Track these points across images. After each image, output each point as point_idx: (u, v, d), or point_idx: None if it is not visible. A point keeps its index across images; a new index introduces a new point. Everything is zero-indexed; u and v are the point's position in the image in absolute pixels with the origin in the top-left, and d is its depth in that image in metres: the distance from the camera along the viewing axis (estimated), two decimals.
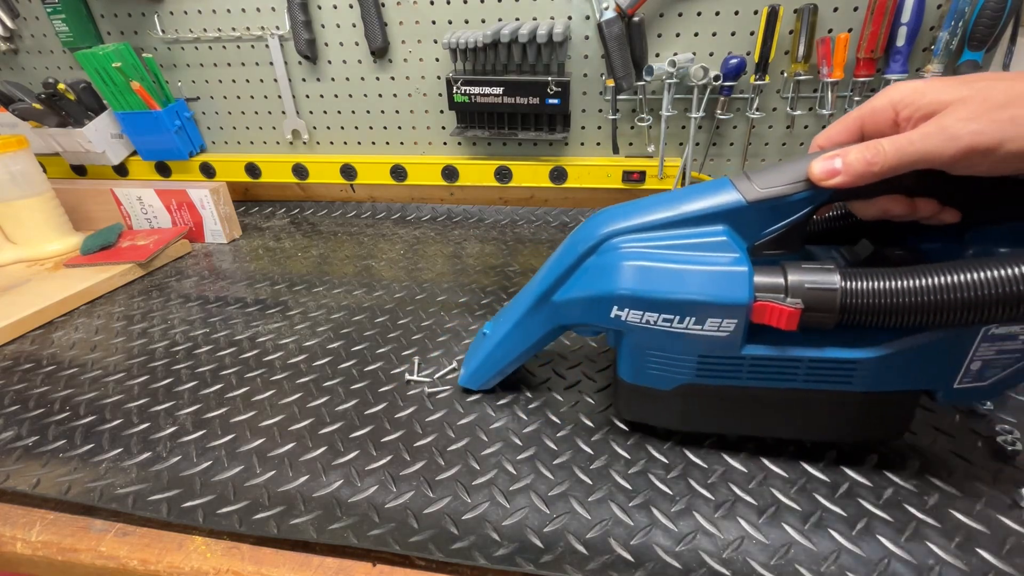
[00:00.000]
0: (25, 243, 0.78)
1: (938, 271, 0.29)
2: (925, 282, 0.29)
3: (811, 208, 0.33)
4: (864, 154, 0.30)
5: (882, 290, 0.30)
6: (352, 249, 0.80)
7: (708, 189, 0.35)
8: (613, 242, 0.37)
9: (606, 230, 0.37)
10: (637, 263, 0.35)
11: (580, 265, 0.38)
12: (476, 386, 0.48)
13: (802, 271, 0.32)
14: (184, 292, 0.70)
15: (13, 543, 0.38)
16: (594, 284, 0.37)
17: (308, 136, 0.93)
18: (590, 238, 0.38)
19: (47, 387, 0.53)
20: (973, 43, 0.65)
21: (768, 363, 0.35)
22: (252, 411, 0.48)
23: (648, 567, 0.33)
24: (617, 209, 0.38)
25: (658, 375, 0.38)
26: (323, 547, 0.36)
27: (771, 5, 0.69)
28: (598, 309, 0.36)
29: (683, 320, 0.34)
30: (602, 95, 0.81)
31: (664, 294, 0.34)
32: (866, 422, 0.37)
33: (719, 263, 0.33)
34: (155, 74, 0.89)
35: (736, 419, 0.39)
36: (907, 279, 0.30)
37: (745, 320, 0.33)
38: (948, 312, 0.29)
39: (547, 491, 0.39)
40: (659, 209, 0.36)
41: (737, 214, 0.34)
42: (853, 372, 0.34)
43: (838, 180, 0.31)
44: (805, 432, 0.39)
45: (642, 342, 0.37)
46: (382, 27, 0.80)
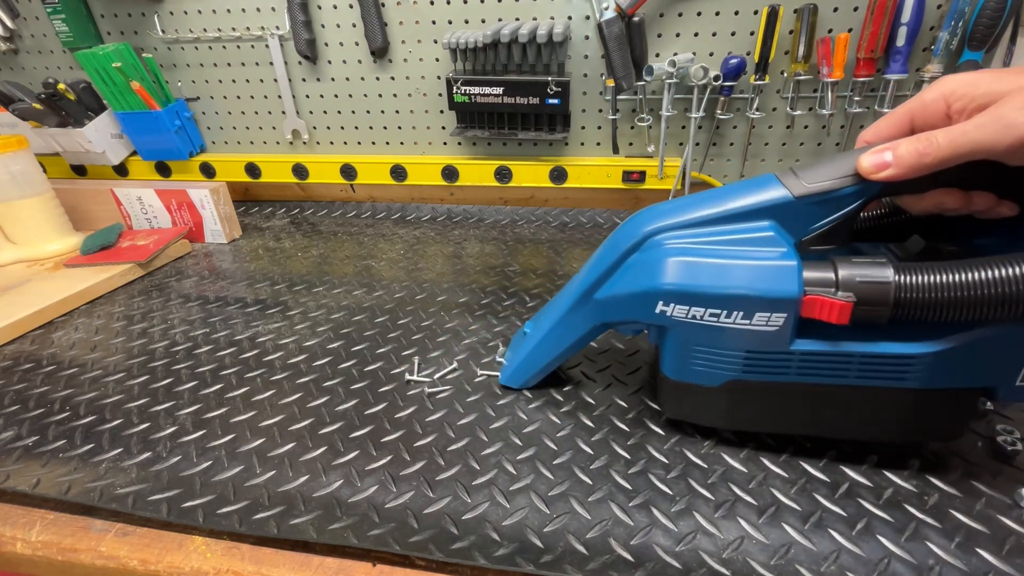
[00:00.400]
0: (25, 243, 0.78)
1: (995, 264, 0.29)
2: (981, 275, 0.29)
3: (860, 203, 0.33)
4: (916, 145, 0.30)
5: (937, 284, 0.30)
6: (352, 249, 0.80)
7: (753, 185, 0.35)
8: (657, 239, 0.37)
9: (650, 227, 0.37)
10: (683, 258, 0.35)
11: (623, 262, 0.38)
12: (517, 384, 0.49)
13: (853, 265, 0.32)
14: (184, 292, 0.70)
15: (13, 543, 0.38)
16: (638, 280, 0.37)
17: (308, 136, 0.93)
18: (633, 235, 0.38)
19: (47, 387, 0.53)
20: (973, 43, 0.65)
21: (819, 358, 0.34)
22: (252, 411, 0.48)
23: (648, 567, 0.33)
24: (660, 207, 0.38)
25: (704, 371, 0.37)
26: (323, 547, 0.36)
27: (771, 5, 0.69)
28: (643, 305, 0.36)
29: (731, 315, 0.34)
30: (602, 95, 0.81)
31: (711, 288, 0.34)
32: (922, 421, 0.36)
33: (767, 257, 0.33)
34: (155, 74, 0.89)
35: (785, 417, 0.38)
36: (962, 272, 0.29)
37: (794, 314, 0.33)
38: (1005, 305, 0.29)
39: (547, 491, 0.39)
40: (704, 206, 0.36)
41: (784, 209, 0.34)
42: (908, 368, 0.33)
43: (888, 173, 0.30)
44: (858, 431, 0.38)
45: (688, 338, 0.36)
46: (382, 27, 0.80)
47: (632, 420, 0.45)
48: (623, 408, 0.46)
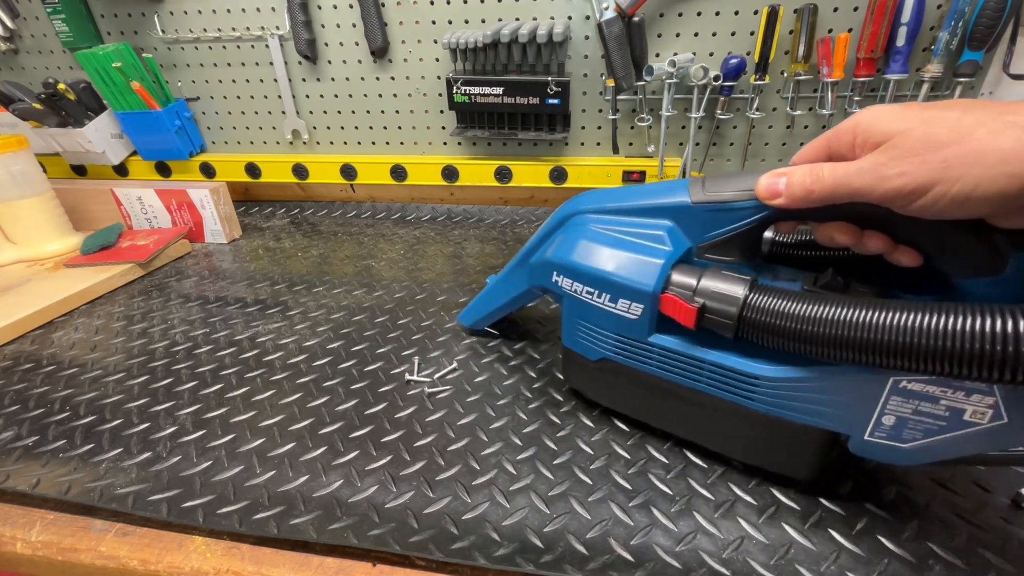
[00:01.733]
0: (25, 243, 0.78)
1: (836, 303, 0.28)
2: (820, 312, 0.28)
3: (756, 218, 0.33)
4: (805, 179, 0.30)
5: (781, 311, 0.30)
6: (352, 249, 0.80)
7: (667, 187, 0.38)
8: (578, 219, 0.41)
9: (578, 207, 0.42)
10: (580, 239, 0.39)
11: (551, 234, 0.43)
12: (468, 323, 0.57)
13: (716, 277, 0.33)
14: (184, 292, 0.70)
15: (13, 543, 0.38)
16: (550, 250, 0.41)
17: (308, 136, 0.93)
18: (565, 212, 0.42)
19: (47, 387, 0.53)
20: (973, 43, 0.65)
21: (673, 356, 0.37)
22: (252, 411, 0.48)
23: (648, 567, 0.33)
24: (596, 193, 0.42)
25: (585, 344, 0.41)
26: (323, 547, 0.36)
27: (771, 5, 0.69)
28: (547, 273, 0.41)
29: (600, 295, 0.38)
30: (602, 95, 0.81)
31: (588, 268, 0.38)
32: (769, 448, 0.36)
33: (644, 252, 0.36)
34: (155, 74, 0.89)
35: (652, 408, 0.41)
36: (810, 305, 0.29)
37: (651, 308, 0.35)
38: (844, 348, 0.28)
39: (547, 491, 0.39)
40: (625, 198, 0.39)
41: (682, 212, 0.36)
42: (754, 388, 0.34)
43: (779, 201, 0.31)
44: (710, 440, 0.39)
45: (573, 310, 0.41)
46: (382, 27, 0.80)
47: (631, 420, 0.45)
48: None
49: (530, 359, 0.53)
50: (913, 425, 0.30)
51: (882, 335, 0.26)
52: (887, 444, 0.31)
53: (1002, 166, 0.23)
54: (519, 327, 0.59)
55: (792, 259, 0.40)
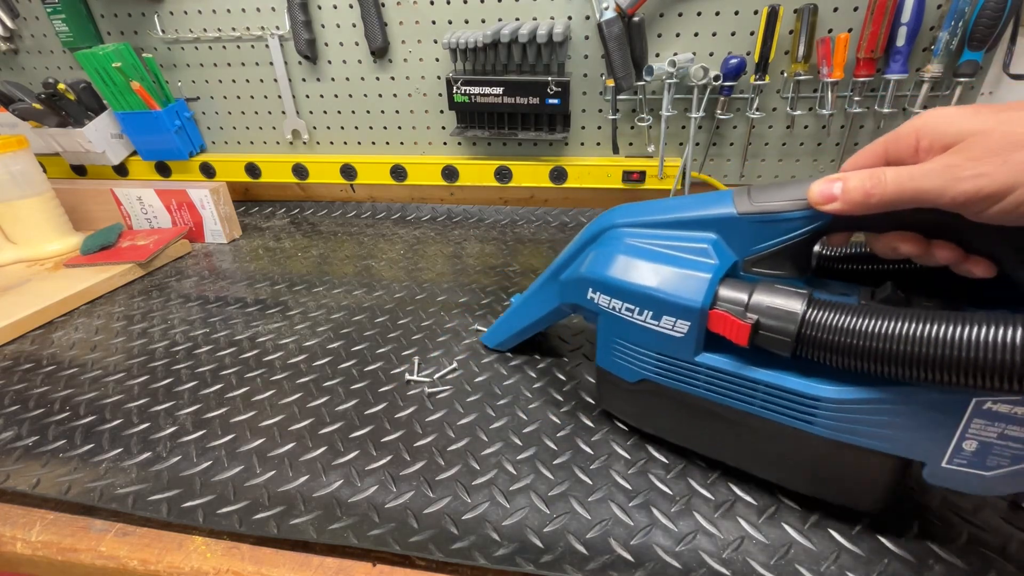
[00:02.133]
0: (25, 243, 0.78)
1: (909, 318, 0.26)
2: (890, 328, 0.26)
3: (808, 229, 0.32)
4: (864, 183, 0.28)
5: (845, 328, 0.28)
6: (352, 249, 0.80)
7: (710, 198, 0.36)
8: (614, 232, 0.39)
9: (612, 221, 0.40)
10: (618, 253, 0.37)
11: (584, 250, 0.41)
12: (492, 344, 0.55)
13: (771, 291, 0.31)
14: (184, 292, 0.70)
15: (13, 543, 0.38)
16: (583, 267, 0.39)
17: (308, 136, 0.93)
18: (598, 227, 0.41)
19: (47, 387, 0.53)
20: (973, 43, 0.65)
21: (723, 377, 0.34)
22: (252, 411, 0.48)
23: (648, 567, 0.33)
24: (632, 206, 0.40)
25: (623, 365, 0.39)
26: (323, 547, 0.36)
27: (771, 5, 0.69)
28: (581, 290, 0.39)
29: (641, 312, 0.35)
30: (602, 95, 0.81)
31: (627, 284, 0.36)
32: (831, 478, 0.33)
33: (689, 266, 0.34)
34: (155, 74, 0.89)
35: (695, 432, 0.39)
36: (874, 320, 0.27)
37: (700, 325, 0.33)
38: (910, 366, 0.26)
39: (547, 491, 0.39)
40: (663, 210, 0.38)
41: (727, 224, 0.34)
42: (814, 410, 0.31)
43: (834, 206, 0.29)
44: (764, 468, 0.37)
45: (610, 328, 0.38)
46: (382, 27, 0.80)
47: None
48: None
49: (530, 359, 0.53)
50: (999, 451, 0.28)
51: (964, 352, 0.24)
52: (968, 472, 0.29)
53: None
54: None
55: (843, 273, 0.38)
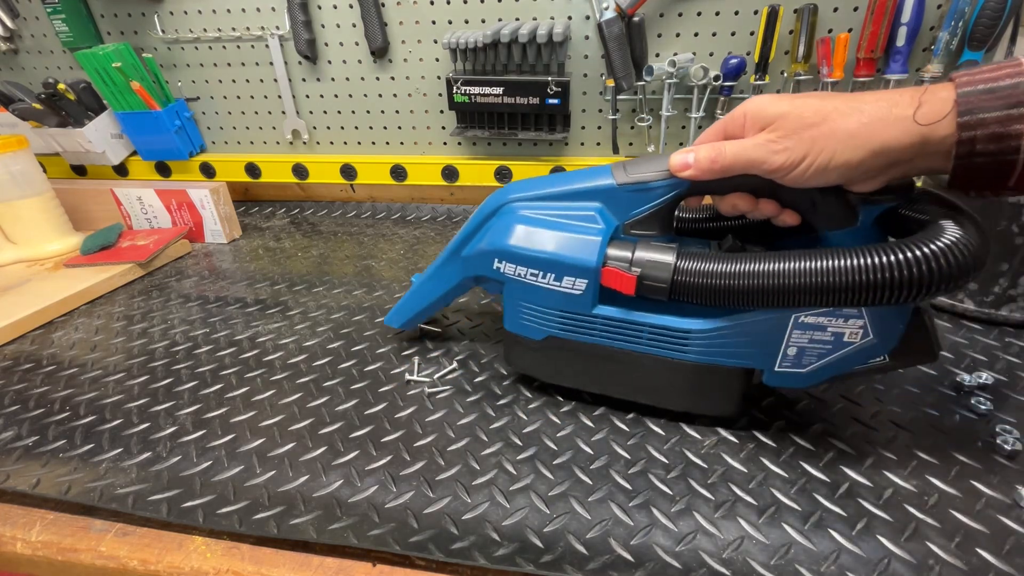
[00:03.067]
0: (25, 243, 0.78)
1: (751, 259, 0.34)
2: (738, 268, 0.34)
3: (672, 195, 0.39)
4: (710, 152, 0.35)
5: (707, 271, 0.35)
6: (352, 249, 0.80)
7: (592, 173, 0.41)
8: (510, 206, 0.43)
9: (508, 197, 0.44)
10: (518, 225, 0.41)
11: (483, 225, 0.45)
12: (397, 325, 0.55)
13: (647, 248, 0.38)
14: (184, 292, 0.70)
15: (13, 543, 0.38)
16: (486, 240, 0.43)
17: (308, 136, 0.93)
18: (493, 204, 0.44)
19: (47, 387, 0.53)
20: (973, 43, 0.65)
21: (616, 324, 0.40)
22: (252, 411, 0.48)
23: (648, 567, 0.33)
24: (524, 181, 0.45)
25: (529, 325, 0.44)
26: (323, 547, 0.36)
27: (771, 5, 0.69)
28: (487, 261, 0.43)
29: (545, 276, 0.40)
30: (602, 95, 0.81)
31: (531, 252, 0.40)
32: (701, 394, 0.42)
33: (581, 232, 0.40)
34: (155, 74, 0.89)
35: (598, 377, 0.44)
36: (727, 264, 0.35)
37: (595, 282, 0.39)
38: (753, 295, 0.34)
39: (547, 491, 0.39)
40: (552, 184, 0.42)
41: (608, 194, 0.40)
42: (687, 341, 0.39)
43: (688, 173, 0.37)
44: (654, 396, 0.44)
45: (517, 294, 0.43)
46: (382, 27, 0.80)
47: (632, 420, 0.45)
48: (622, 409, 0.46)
49: None
50: (810, 352, 0.37)
51: (789, 279, 0.33)
52: (791, 372, 0.38)
53: (849, 140, 0.30)
54: None
55: (696, 231, 0.47)
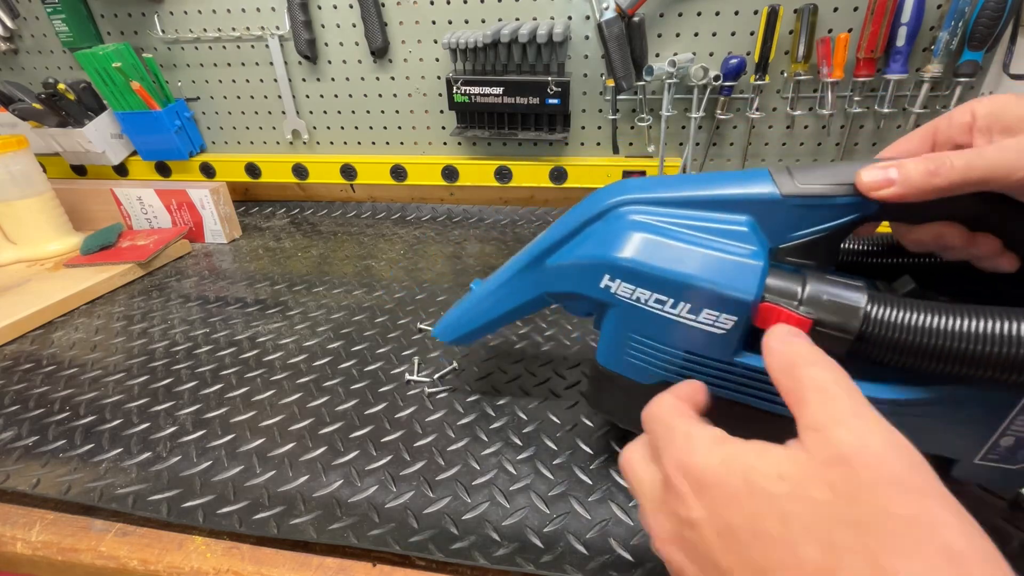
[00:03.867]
0: (25, 243, 0.78)
1: (992, 316, 0.24)
2: (972, 326, 0.24)
3: (852, 219, 0.29)
4: (927, 164, 0.26)
5: (914, 325, 0.25)
6: (352, 249, 0.80)
7: (743, 176, 0.32)
8: (623, 210, 0.33)
9: (618, 198, 0.34)
10: (642, 233, 0.31)
11: (583, 231, 0.35)
12: (448, 339, 0.45)
13: (825, 282, 0.28)
14: (184, 292, 0.70)
15: (13, 543, 0.38)
16: (590, 249, 0.33)
17: (308, 136, 0.93)
18: (598, 204, 0.34)
19: (47, 387, 0.53)
20: (973, 43, 0.65)
21: (764, 381, 0.30)
22: (252, 411, 0.48)
23: (648, 567, 0.33)
24: (635, 181, 0.35)
25: (637, 364, 0.33)
26: (323, 547, 0.36)
27: (771, 5, 0.69)
28: (589, 277, 0.33)
29: (677, 304, 0.30)
30: (602, 95, 0.81)
31: (661, 270, 0.30)
32: None
33: (732, 252, 0.29)
34: (155, 74, 0.89)
35: None
36: (949, 317, 0.25)
37: (746, 320, 0.29)
38: (995, 367, 0.24)
39: (547, 491, 0.39)
40: (682, 186, 0.32)
41: (767, 207, 0.30)
42: None
43: (891, 191, 0.27)
44: None
45: (628, 322, 0.32)
46: (382, 27, 0.80)
47: None
48: None
49: (530, 359, 0.53)
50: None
51: None
52: (995, 467, 0.29)
53: None
54: (519, 326, 0.59)
55: (854, 266, 0.36)
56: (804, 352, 0.23)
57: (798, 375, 0.22)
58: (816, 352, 0.23)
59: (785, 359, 0.24)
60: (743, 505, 0.20)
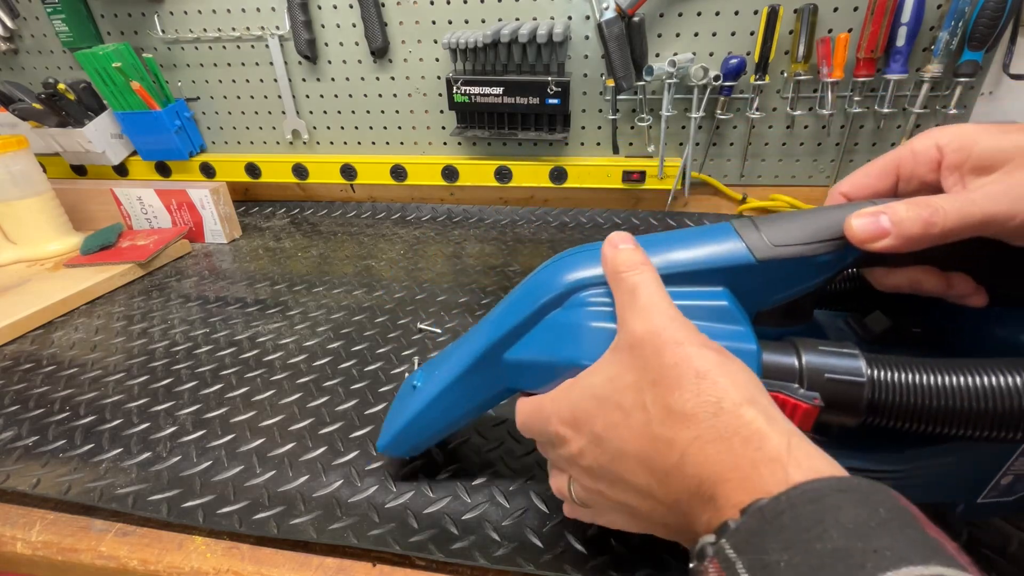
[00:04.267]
0: (25, 243, 0.78)
1: (990, 370, 0.23)
2: (973, 383, 0.23)
3: (834, 274, 0.27)
4: (920, 212, 0.24)
5: (919, 387, 0.24)
6: (352, 249, 0.80)
7: (706, 235, 0.28)
8: (583, 295, 0.29)
9: (576, 276, 0.29)
10: (613, 327, 0.27)
11: (541, 319, 0.30)
12: (400, 453, 0.39)
13: (820, 353, 0.25)
14: (184, 292, 0.70)
15: (13, 543, 0.38)
16: (557, 347, 0.29)
17: (308, 136, 0.93)
18: (555, 286, 0.29)
19: (47, 387, 0.53)
20: (973, 43, 0.65)
21: None
22: (252, 411, 0.48)
23: (648, 567, 0.33)
24: (589, 250, 0.30)
25: None
26: (323, 547, 0.36)
27: (771, 5, 0.69)
28: (562, 376, 0.28)
29: None
30: (602, 95, 0.81)
31: None
32: None
33: (719, 336, 0.25)
34: (155, 74, 0.89)
35: None
36: (950, 376, 0.23)
37: None
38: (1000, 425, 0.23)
39: (546, 491, 0.38)
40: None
41: (742, 274, 0.27)
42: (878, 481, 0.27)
43: (886, 243, 0.25)
44: None
45: None
46: (382, 27, 0.80)
47: None
48: None
49: None
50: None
51: None
52: (994, 502, 0.28)
53: None
54: None
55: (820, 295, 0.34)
56: (624, 259, 0.27)
57: (618, 280, 0.27)
58: (634, 256, 0.27)
59: (610, 267, 0.28)
60: (597, 417, 0.25)
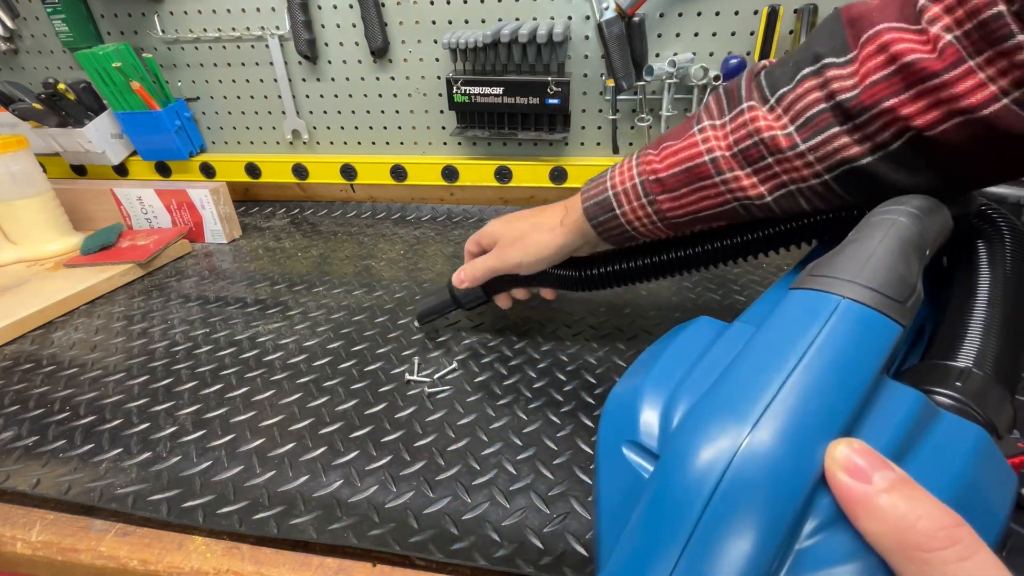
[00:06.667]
0: (25, 243, 0.78)
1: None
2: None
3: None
4: (471, 269, 0.50)
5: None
6: (352, 249, 0.80)
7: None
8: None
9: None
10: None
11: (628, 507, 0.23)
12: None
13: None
14: (184, 292, 0.70)
15: (13, 543, 0.38)
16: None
17: (308, 136, 0.93)
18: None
19: (47, 387, 0.53)
20: None
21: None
22: (252, 411, 0.48)
23: None
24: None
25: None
26: (323, 547, 0.36)
27: (771, 5, 0.69)
28: None
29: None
30: (602, 95, 0.81)
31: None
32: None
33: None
34: (155, 74, 0.89)
35: None
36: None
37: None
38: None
39: (547, 491, 0.39)
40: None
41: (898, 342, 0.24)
42: None
43: (466, 285, 0.51)
44: None
45: None
46: (382, 27, 0.80)
47: None
48: None
49: (530, 359, 0.53)
50: None
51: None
52: None
53: (541, 247, 0.45)
54: (519, 327, 0.59)
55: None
56: (928, 526, 0.18)
57: (914, 560, 0.18)
58: (943, 517, 0.18)
59: (892, 530, 0.18)
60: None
